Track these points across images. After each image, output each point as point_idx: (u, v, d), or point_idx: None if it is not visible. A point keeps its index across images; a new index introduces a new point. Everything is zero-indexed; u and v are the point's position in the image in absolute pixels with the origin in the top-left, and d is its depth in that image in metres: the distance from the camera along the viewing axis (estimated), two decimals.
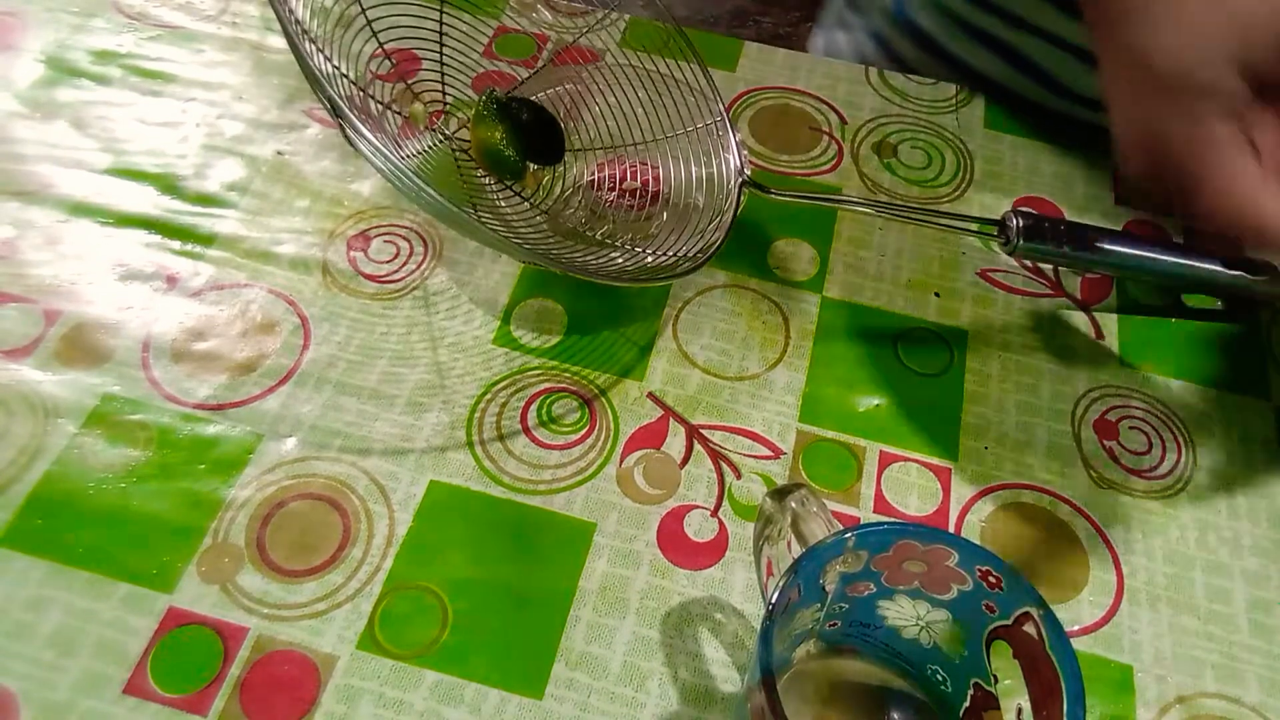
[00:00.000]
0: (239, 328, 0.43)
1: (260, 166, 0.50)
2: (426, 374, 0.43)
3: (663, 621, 0.36)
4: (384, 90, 0.47)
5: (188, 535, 0.37)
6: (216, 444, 0.40)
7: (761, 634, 0.26)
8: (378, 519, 0.38)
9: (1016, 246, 0.45)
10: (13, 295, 0.44)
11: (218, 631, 0.35)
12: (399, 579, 0.37)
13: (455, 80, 0.49)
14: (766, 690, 0.25)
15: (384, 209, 0.48)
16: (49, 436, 0.40)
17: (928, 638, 0.32)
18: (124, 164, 0.49)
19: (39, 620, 0.35)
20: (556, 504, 0.39)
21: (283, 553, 0.37)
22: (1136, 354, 0.45)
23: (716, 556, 0.38)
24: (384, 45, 0.46)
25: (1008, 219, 0.46)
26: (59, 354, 0.42)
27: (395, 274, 0.46)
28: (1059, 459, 0.42)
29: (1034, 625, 0.28)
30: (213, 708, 0.34)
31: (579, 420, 0.41)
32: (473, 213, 0.44)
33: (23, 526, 0.37)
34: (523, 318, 0.45)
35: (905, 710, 0.33)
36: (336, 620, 0.36)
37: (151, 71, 0.53)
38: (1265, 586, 0.39)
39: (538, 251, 0.38)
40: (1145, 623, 0.37)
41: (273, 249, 0.46)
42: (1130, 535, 0.40)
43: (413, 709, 0.34)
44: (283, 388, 0.42)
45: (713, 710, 0.35)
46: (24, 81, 0.52)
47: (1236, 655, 0.37)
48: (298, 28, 0.37)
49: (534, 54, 0.54)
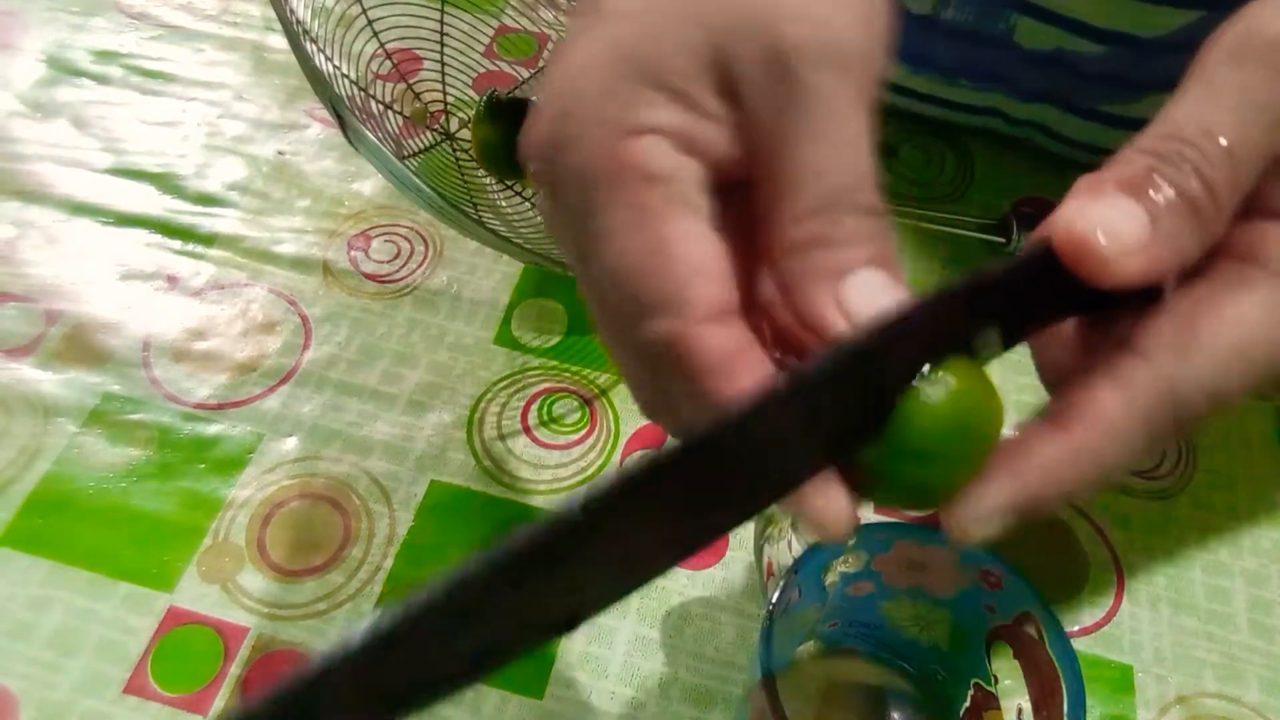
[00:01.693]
0: (239, 327, 0.43)
1: (261, 166, 0.50)
2: (427, 374, 0.43)
3: (663, 621, 0.36)
4: (385, 90, 0.47)
5: (188, 535, 0.37)
6: (217, 444, 0.40)
7: (762, 634, 0.26)
8: (378, 519, 0.38)
9: (1017, 246, 0.45)
10: (13, 295, 0.44)
11: (218, 631, 0.35)
12: (400, 579, 0.37)
13: (456, 80, 0.49)
14: (767, 690, 0.25)
15: (385, 209, 0.48)
16: (49, 436, 0.40)
17: (928, 638, 0.32)
18: (124, 164, 0.49)
19: (39, 620, 0.35)
20: (557, 504, 0.39)
21: (283, 552, 0.37)
22: None
23: (716, 556, 0.38)
24: (385, 45, 0.46)
25: (1008, 219, 0.46)
26: (59, 354, 0.42)
27: (396, 274, 0.46)
28: None
29: (1034, 625, 0.28)
30: (213, 708, 0.34)
31: (579, 420, 0.41)
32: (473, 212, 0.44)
33: (23, 526, 0.37)
34: (523, 318, 0.45)
35: (905, 710, 0.33)
36: (337, 620, 0.36)
37: (152, 71, 0.53)
38: (1265, 586, 0.39)
39: (538, 251, 0.38)
40: (1145, 623, 0.37)
41: (273, 249, 0.46)
42: (1130, 535, 0.40)
43: None
44: (283, 387, 0.42)
45: (713, 710, 0.35)
46: (24, 81, 0.52)
47: (1236, 655, 0.37)
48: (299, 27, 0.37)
49: (535, 54, 0.54)
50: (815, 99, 0.19)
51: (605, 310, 0.20)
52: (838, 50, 0.19)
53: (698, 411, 0.19)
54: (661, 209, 0.19)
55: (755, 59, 0.19)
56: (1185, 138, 0.18)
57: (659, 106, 0.19)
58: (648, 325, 0.19)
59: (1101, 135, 0.48)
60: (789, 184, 0.19)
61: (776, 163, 0.19)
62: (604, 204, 0.19)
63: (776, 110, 0.19)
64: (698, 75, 0.19)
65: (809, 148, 0.19)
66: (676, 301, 0.19)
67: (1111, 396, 0.19)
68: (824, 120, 0.19)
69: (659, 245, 0.19)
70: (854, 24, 0.19)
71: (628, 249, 0.19)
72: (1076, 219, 0.18)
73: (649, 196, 0.19)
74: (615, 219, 0.19)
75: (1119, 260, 0.18)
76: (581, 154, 0.19)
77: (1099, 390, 0.19)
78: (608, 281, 0.19)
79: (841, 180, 0.19)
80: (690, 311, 0.19)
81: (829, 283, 0.19)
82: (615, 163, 0.19)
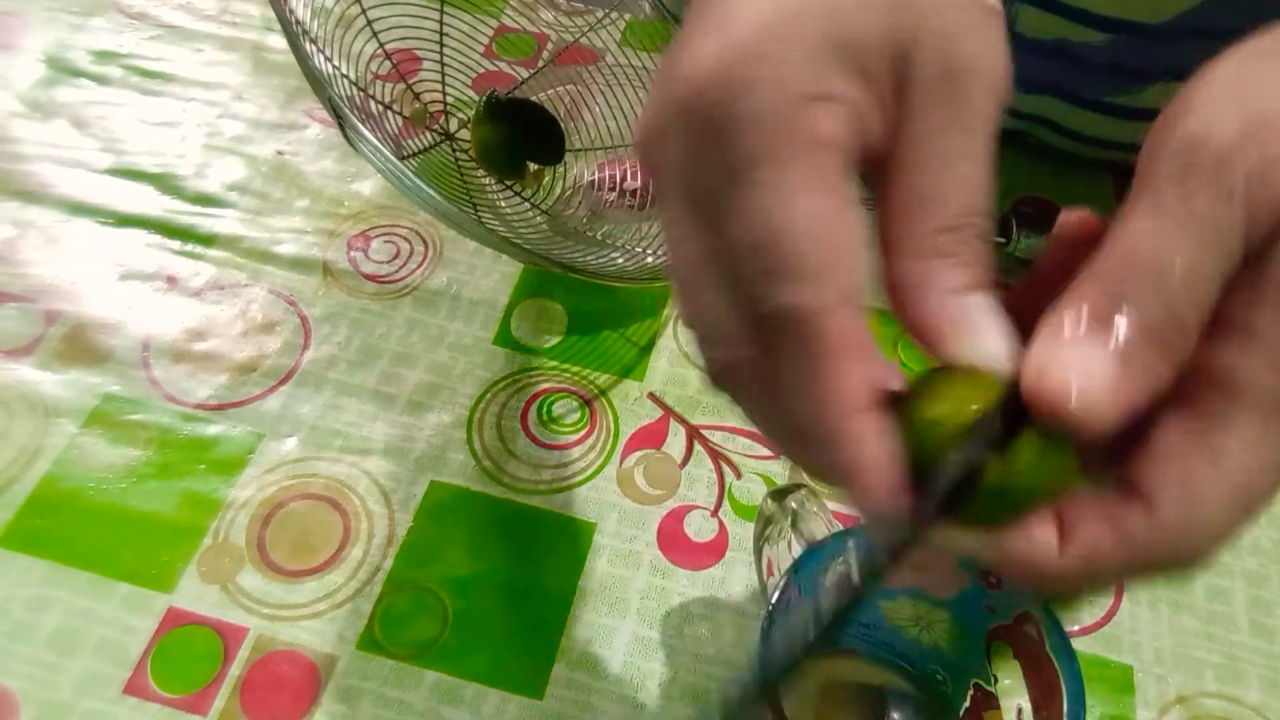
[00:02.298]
0: (239, 328, 0.43)
1: (260, 166, 0.50)
2: (426, 374, 0.43)
3: (663, 621, 0.36)
4: (384, 90, 0.47)
5: (188, 535, 0.37)
6: (217, 444, 0.40)
7: (761, 634, 0.26)
8: (378, 519, 0.38)
9: (1017, 246, 0.45)
10: (13, 295, 0.44)
11: (218, 631, 0.35)
12: (399, 579, 0.37)
13: (455, 80, 0.49)
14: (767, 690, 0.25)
15: (384, 209, 0.48)
16: (49, 436, 0.40)
17: (928, 638, 0.32)
18: (124, 164, 0.49)
19: (39, 620, 0.35)
20: (556, 504, 0.39)
21: (283, 553, 0.37)
22: None
23: (716, 556, 0.38)
24: (384, 45, 0.46)
25: (1008, 219, 0.46)
26: (59, 354, 0.42)
27: (395, 274, 0.46)
28: None
29: (1034, 625, 0.28)
30: (213, 708, 0.34)
31: (579, 420, 0.41)
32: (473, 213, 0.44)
33: (23, 526, 0.37)
34: (523, 318, 0.45)
35: (905, 710, 0.33)
36: (337, 620, 0.36)
37: (152, 71, 0.53)
38: (1265, 586, 0.39)
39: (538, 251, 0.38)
40: (1145, 623, 0.37)
41: (273, 249, 0.46)
42: None
43: (413, 709, 0.34)
44: (283, 388, 0.42)
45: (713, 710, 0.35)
46: (24, 81, 0.52)
47: (1236, 655, 0.37)
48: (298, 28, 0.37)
49: (534, 54, 0.54)
50: (975, 120, 0.20)
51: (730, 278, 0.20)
52: (994, 76, 0.20)
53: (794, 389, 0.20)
54: (833, 180, 0.19)
55: (933, 69, 0.20)
56: (1144, 266, 0.18)
57: (850, 79, 0.20)
58: (785, 289, 0.19)
59: (1106, 127, 0.48)
60: (932, 194, 0.20)
61: (923, 170, 0.20)
62: (784, 158, 0.19)
63: (940, 122, 0.20)
64: (882, 60, 0.20)
65: (961, 167, 0.20)
66: (827, 275, 0.19)
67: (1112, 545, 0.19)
68: (976, 142, 0.20)
69: (825, 213, 0.19)
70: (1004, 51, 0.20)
71: (796, 209, 0.19)
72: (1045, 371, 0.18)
73: (825, 164, 0.19)
74: (790, 177, 0.19)
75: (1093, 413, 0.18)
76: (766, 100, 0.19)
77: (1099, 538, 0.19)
78: (754, 234, 0.19)
79: (976, 202, 0.20)
80: (835, 290, 0.19)
81: (952, 292, 0.20)
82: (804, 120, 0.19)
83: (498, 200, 0.47)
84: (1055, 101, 0.47)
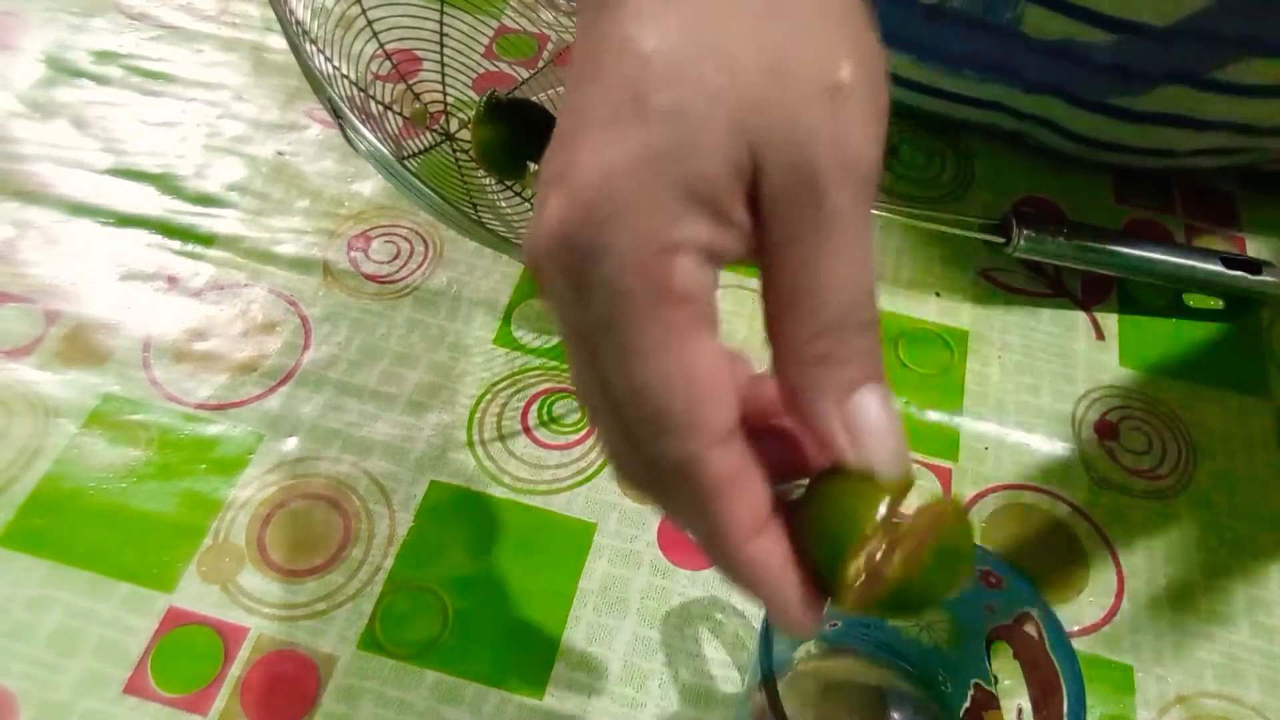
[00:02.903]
0: (240, 328, 0.43)
1: (260, 166, 0.50)
2: (427, 374, 0.43)
3: (663, 621, 0.36)
4: (384, 91, 0.47)
5: (188, 535, 0.37)
6: (217, 444, 0.40)
7: (762, 634, 0.26)
8: (378, 519, 0.38)
9: (1017, 246, 0.45)
10: (13, 295, 0.44)
11: (218, 631, 0.35)
12: (400, 579, 0.37)
13: (456, 81, 0.49)
14: (767, 690, 0.25)
15: (384, 209, 0.48)
16: (49, 436, 0.40)
17: (928, 638, 0.32)
18: (124, 164, 0.49)
19: (39, 620, 0.35)
20: (557, 504, 0.39)
21: (283, 552, 0.37)
22: (1136, 354, 0.45)
23: None
24: (384, 46, 0.46)
25: (1008, 219, 0.46)
26: (59, 354, 0.42)
27: (396, 274, 0.46)
28: (1059, 459, 0.42)
29: (1034, 625, 0.28)
30: (213, 708, 0.34)
31: (580, 420, 0.41)
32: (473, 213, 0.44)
33: (23, 526, 0.37)
34: (523, 318, 0.45)
35: (905, 710, 0.33)
36: (337, 620, 0.36)
37: (152, 71, 0.53)
38: (1265, 586, 0.39)
39: None
40: (1145, 623, 0.37)
41: (273, 249, 0.46)
42: (1130, 535, 0.40)
43: (413, 709, 0.34)
44: (283, 388, 0.42)
45: (713, 710, 0.35)
46: (24, 81, 0.52)
47: (1236, 655, 0.37)
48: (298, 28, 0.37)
49: (534, 54, 0.54)
50: (837, 222, 0.19)
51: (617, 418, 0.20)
52: (858, 170, 0.19)
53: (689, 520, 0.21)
54: (688, 330, 0.19)
55: (783, 177, 0.19)
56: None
57: (696, 221, 0.19)
58: (664, 443, 0.20)
59: (1106, 129, 0.48)
60: (804, 299, 0.20)
61: (791, 276, 0.20)
62: (636, 321, 0.19)
63: (801, 229, 0.19)
64: (730, 186, 0.19)
65: (827, 268, 0.19)
66: (694, 425, 0.19)
67: None
68: (842, 242, 0.19)
69: (684, 368, 0.19)
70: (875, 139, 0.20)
71: (654, 369, 0.19)
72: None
73: (679, 317, 0.19)
74: (646, 338, 0.19)
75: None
76: (616, 265, 0.19)
77: None
78: (628, 396, 0.20)
79: (853, 299, 0.20)
80: (705, 436, 0.19)
81: (837, 398, 0.20)
82: (653, 281, 0.19)
83: (498, 200, 0.47)
84: (1057, 102, 0.47)
